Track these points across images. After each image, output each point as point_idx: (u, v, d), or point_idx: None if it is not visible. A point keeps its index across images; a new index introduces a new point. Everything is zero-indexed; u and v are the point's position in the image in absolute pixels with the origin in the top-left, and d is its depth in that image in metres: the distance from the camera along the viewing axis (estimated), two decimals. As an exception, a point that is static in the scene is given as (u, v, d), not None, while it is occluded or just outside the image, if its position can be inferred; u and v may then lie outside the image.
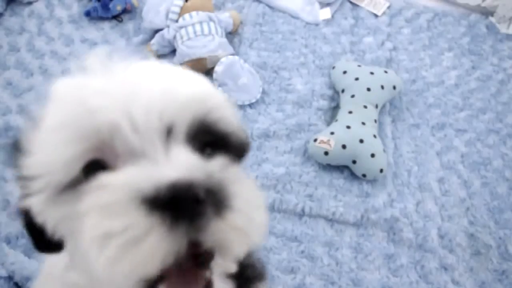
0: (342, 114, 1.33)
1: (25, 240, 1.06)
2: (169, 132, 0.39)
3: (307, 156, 1.30)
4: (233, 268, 0.41)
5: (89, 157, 0.39)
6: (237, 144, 0.46)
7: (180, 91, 0.41)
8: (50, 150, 0.39)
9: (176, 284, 0.38)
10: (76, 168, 0.39)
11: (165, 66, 0.45)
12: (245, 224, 0.38)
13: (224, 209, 0.36)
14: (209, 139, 0.43)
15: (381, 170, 1.24)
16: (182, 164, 0.37)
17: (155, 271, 0.35)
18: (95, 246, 0.35)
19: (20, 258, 1.01)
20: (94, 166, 0.39)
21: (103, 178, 0.37)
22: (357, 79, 1.37)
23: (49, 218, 0.41)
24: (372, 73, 1.38)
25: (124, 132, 0.38)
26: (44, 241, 0.44)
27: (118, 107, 0.38)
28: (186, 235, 0.35)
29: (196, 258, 0.38)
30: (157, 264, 0.35)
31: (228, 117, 0.44)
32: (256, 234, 0.40)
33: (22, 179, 0.41)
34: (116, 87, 0.39)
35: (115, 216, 0.34)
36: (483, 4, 1.74)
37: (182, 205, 0.34)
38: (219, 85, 1.36)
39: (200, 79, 0.45)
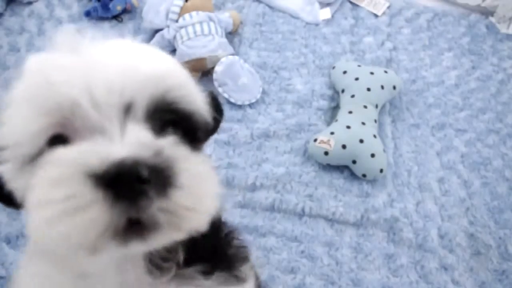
0: (342, 114, 1.33)
1: (25, 240, 1.06)
2: (128, 109, 0.40)
3: (307, 156, 1.30)
4: (180, 236, 0.41)
5: (52, 131, 0.40)
6: (200, 123, 0.46)
7: (141, 68, 0.41)
8: (17, 122, 0.41)
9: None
10: (40, 142, 0.40)
11: (131, 43, 0.45)
12: (191, 201, 0.38)
13: (169, 187, 0.37)
14: (170, 118, 0.43)
15: (381, 170, 1.24)
16: (132, 142, 0.37)
17: (90, 241, 0.36)
18: (36, 210, 0.37)
19: (20, 258, 1.01)
20: (57, 140, 0.41)
21: (56, 152, 0.38)
22: (357, 79, 1.37)
23: (17, 186, 0.43)
24: (372, 73, 1.38)
25: (84, 108, 0.39)
26: (13, 203, 0.47)
27: (79, 83, 0.39)
28: (125, 213, 0.36)
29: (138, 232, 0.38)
30: (92, 235, 0.36)
31: (191, 96, 0.44)
32: (207, 207, 0.40)
33: None
34: (79, 63, 0.40)
35: (60, 186, 0.36)
36: (483, 4, 1.74)
37: (124, 184, 0.35)
38: (219, 85, 1.36)
39: (163, 57, 0.46)
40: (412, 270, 1.12)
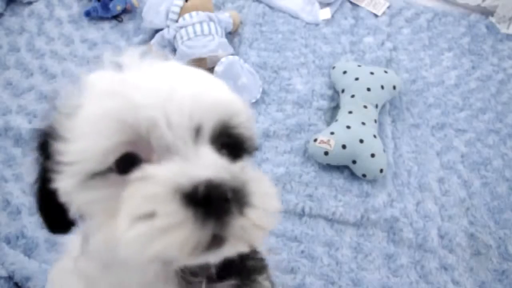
0: (342, 114, 1.33)
1: (25, 240, 1.06)
2: (197, 132, 0.43)
3: (307, 156, 1.30)
4: (243, 250, 0.44)
5: (124, 149, 0.42)
6: (250, 147, 0.50)
7: (208, 95, 0.44)
8: (89, 139, 0.42)
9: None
10: (111, 159, 0.42)
11: (192, 69, 0.49)
12: (262, 218, 0.42)
13: (245, 206, 0.40)
14: (228, 141, 0.47)
15: (381, 170, 1.24)
16: (212, 164, 0.41)
17: (177, 258, 0.39)
18: (129, 224, 0.39)
19: (20, 258, 1.01)
20: (126, 159, 0.43)
21: (148, 170, 0.41)
22: (357, 79, 1.37)
23: (75, 200, 0.44)
24: (372, 73, 1.38)
25: (161, 128, 0.41)
26: (56, 221, 0.49)
27: (157, 105, 0.41)
28: (212, 229, 0.39)
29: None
30: (182, 252, 0.38)
31: (248, 123, 0.48)
32: (271, 224, 0.43)
33: (56, 162, 0.44)
34: (155, 85, 0.43)
35: (155, 203, 0.38)
36: (483, 4, 1.74)
37: (213, 203, 0.38)
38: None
39: (224, 86, 0.49)
40: (412, 270, 1.12)
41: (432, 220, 1.21)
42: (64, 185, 0.44)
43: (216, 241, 0.39)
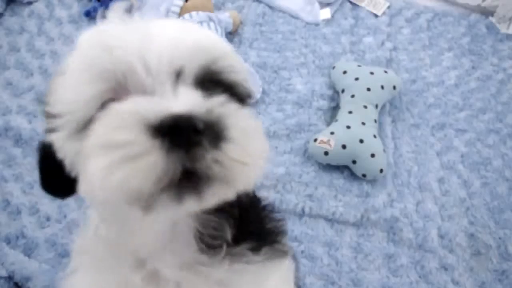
0: (342, 114, 1.33)
1: (25, 240, 1.06)
2: (178, 76, 0.42)
3: (307, 156, 1.30)
4: (230, 193, 0.42)
5: (106, 96, 0.42)
6: (242, 93, 0.48)
7: (190, 39, 0.44)
8: (72, 89, 0.43)
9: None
10: (94, 107, 0.42)
11: (180, 21, 0.48)
12: (242, 154, 0.40)
13: (221, 140, 0.39)
14: (216, 87, 0.45)
15: (381, 170, 1.24)
16: (186, 99, 0.40)
17: (146, 189, 0.37)
18: (96, 154, 0.38)
19: (20, 258, 1.01)
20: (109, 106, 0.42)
21: (115, 105, 0.40)
22: (357, 79, 1.37)
23: (68, 153, 0.45)
24: (372, 73, 1.38)
25: (138, 73, 0.41)
26: (55, 182, 0.49)
27: (133, 50, 0.42)
28: (181, 161, 0.37)
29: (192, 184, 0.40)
30: (149, 182, 0.37)
31: (235, 67, 0.47)
32: (256, 163, 0.42)
33: (47, 116, 0.45)
34: (133, 33, 0.43)
35: (120, 133, 0.38)
36: (483, 4, 1.74)
37: (180, 134, 0.37)
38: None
39: (209, 32, 0.49)
40: (412, 270, 1.12)
41: (432, 220, 1.21)
42: (56, 138, 0.44)
43: (190, 178, 0.38)
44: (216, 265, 0.49)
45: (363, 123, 1.28)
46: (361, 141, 1.24)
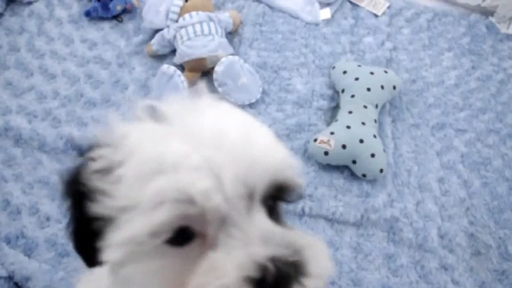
0: (342, 114, 1.33)
1: (25, 240, 1.06)
2: (250, 197, 0.41)
3: (307, 156, 1.30)
4: None
5: (178, 223, 0.40)
6: (297, 195, 0.48)
7: (262, 157, 0.42)
8: (140, 215, 0.40)
9: None
10: (164, 235, 0.40)
11: (242, 120, 0.46)
12: (318, 285, 0.42)
13: (303, 276, 0.40)
14: (276, 194, 0.45)
15: (381, 170, 1.24)
16: (270, 236, 0.40)
17: None
18: None
19: (20, 258, 1.01)
20: (180, 232, 0.41)
21: (212, 258, 0.40)
22: (357, 79, 1.37)
23: (119, 267, 0.43)
24: (372, 73, 1.38)
25: (216, 201, 0.39)
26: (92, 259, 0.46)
27: (209, 177, 0.39)
28: None
29: None
30: None
31: (295, 174, 0.46)
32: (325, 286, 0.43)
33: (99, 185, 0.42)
34: (203, 153, 0.40)
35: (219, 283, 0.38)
36: (483, 4, 1.73)
37: (278, 282, 0.38)
38: (219, 85, 1.36)
39: (273, 137, 0.47)
40: (412, 270, 1.12)
41: (432, 220, 1.21)
42: (111, 256, 0.42)
43: None
44: None
45: (363, 123, 1.28)
46: (361, 141, 1.24)
